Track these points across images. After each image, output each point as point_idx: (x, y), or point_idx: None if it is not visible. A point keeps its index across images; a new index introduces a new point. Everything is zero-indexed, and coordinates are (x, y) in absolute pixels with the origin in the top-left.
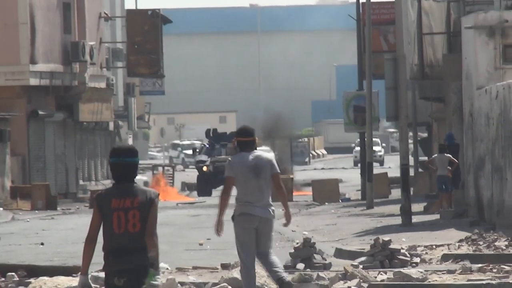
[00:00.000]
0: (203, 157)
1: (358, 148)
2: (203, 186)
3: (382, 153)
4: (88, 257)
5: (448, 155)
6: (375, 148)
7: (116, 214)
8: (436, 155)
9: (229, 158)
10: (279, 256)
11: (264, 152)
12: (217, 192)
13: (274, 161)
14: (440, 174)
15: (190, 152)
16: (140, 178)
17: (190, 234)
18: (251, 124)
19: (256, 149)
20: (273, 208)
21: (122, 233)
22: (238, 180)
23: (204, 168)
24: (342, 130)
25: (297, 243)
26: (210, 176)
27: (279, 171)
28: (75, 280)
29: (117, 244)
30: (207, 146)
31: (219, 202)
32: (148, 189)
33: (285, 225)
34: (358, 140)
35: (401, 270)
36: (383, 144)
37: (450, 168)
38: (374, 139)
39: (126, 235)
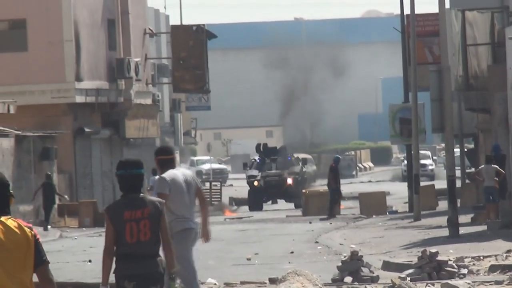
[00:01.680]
0: (254, 172)
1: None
2: (255, 200)
3: (433, 166)
4: (108, 268)
5: (495, 166)
6: (425, 161)
7: (129, 225)
8: (482, 166)
9: (161, 176)
10: (327, 270)
11: (185, 169)
12: (268, 206)
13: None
14: (487, 185)
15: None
16: None
17: (237, 249)
18: (298, 138)
19: (175, 166)
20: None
21: (134, 242)
22: (173, 196)
23: (255, 183)
24: None
25: (344, 256)
26: (261, 190)
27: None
28: None
29: (129, 252)
30: (258, 160)
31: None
32: (155, 199)
33: (205, 241)
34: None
35: (449, 281)
36: (434, 157)
37: (497, 179)
38: (424, 152)
39: (138, 244)
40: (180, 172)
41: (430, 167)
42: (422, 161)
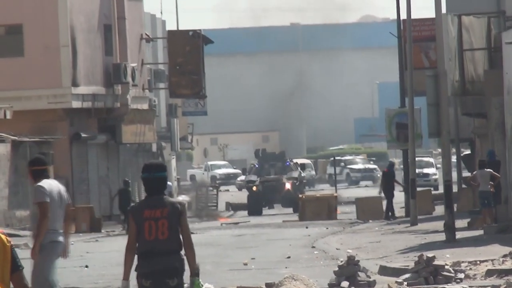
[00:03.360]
0: (253, 177)
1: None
2: (254, 205)
3: (437, 176)
4: (129, 264)
5: (489, 170)
6: (428, 170)
7: (147, 223)
8: (477, 171)
9: (39, 184)
10: (323, 274)
11: (58, 182)
12: (266, 211)
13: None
14: (482, 190)
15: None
16: (185, 198)
17: (234, 254)
18: (295, 142)
19: (49, 177)
20: None
21: (152, 240)
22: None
23: (254, 188)
24: None
25: (341, 261)
26: (260, 195)
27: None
28: None
29: (148, 249)
30: (257, 166)
31: (42, 229)
32: (176, 200)
33: (64, 257)
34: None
35: (446, 286)
36: (438, 166)
37: (492, 183)
38: (427, 159)
39: (156, 242)
40: (55, 184)
41: (433, 177)
42: (425, 170)
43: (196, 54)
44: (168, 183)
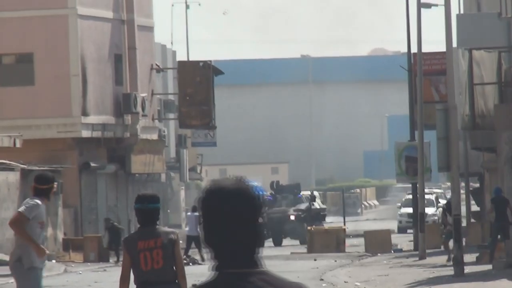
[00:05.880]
0: None
1: (403, 210)
2: None
3: (436, 217)
4: None
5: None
6: (427, 210)
7: (142, 254)
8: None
9: (38, 201)
10: None
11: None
12: (268, 242)
13: None
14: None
15: None
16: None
17: None
18: (303, 174)
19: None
20: None
21: (149, 270)
22: (32, 225)
23: (259, 220)
24: None
25: None
26: (265, 226)
27: None
28: None
29: (145, 279)
30: (270, 197)
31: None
32: (169, 230)
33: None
34: (405, 198)
35: None
36: (440, 202)
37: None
38: (428, 197)
39: (152, 272)
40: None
41: (432, 218)
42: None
43: (206, 85)
44: (195, 213)
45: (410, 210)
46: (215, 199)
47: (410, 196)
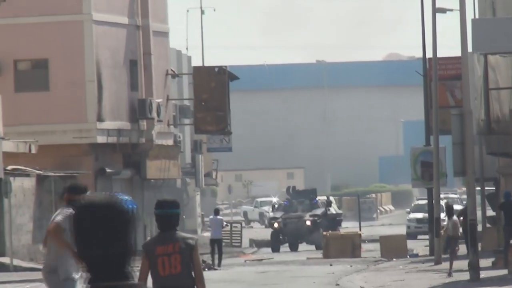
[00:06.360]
0: (278, 214)
1: (412, 216)
2: (275, 242)
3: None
4: None
5: None
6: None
7: (160, 259)
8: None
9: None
10: None
11: None
12: (284, 248)
13: None
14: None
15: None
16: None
17: None
18: (319, 180)
19: None
20: None
21: (166, 275)
22: (67, 235)
23: (275, 225)
24: None
25: None
26: (280, 232)
27: None
28: None
29: (162, 285)
30: (286, 202)
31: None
32: (189, 235)
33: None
34: (414, 203)
35: None
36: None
37: None
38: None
39: (169, 277)
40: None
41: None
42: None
43: (221, 90)
44: (218, 217)
45: (418, 215)
46: (86, 214)
47: (420, 202)
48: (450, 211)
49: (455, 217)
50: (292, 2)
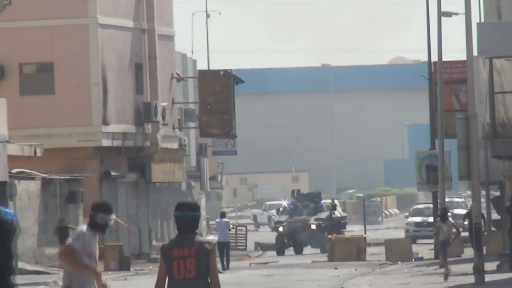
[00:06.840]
0: (283, 218)
1: (411, 220)
2: (280, 246)
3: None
4: None
5: None
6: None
7: (176, 262)
8: None
9: (83, 229)
10: None
11: None
12: (289, 251)
13: None
14: None
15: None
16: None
17: None
18: (324, 183)
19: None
20: None
21: (181, 279)
22: (80, 255)
23: (280, 229)
24: None
25: None
26: (284, 236)
27: None
28: None
29: None
30: (291, 206)
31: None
32: (206, 240)
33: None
34: (413, 208)
35: None
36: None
37: None
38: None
39: (184, 281)
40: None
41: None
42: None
43: (226, 94)
44: (224, 219)
45: (417, 219)
46: None
47: (419, 206)
48: (444, 214)
49: (450, 220)
50: (298, 6)
